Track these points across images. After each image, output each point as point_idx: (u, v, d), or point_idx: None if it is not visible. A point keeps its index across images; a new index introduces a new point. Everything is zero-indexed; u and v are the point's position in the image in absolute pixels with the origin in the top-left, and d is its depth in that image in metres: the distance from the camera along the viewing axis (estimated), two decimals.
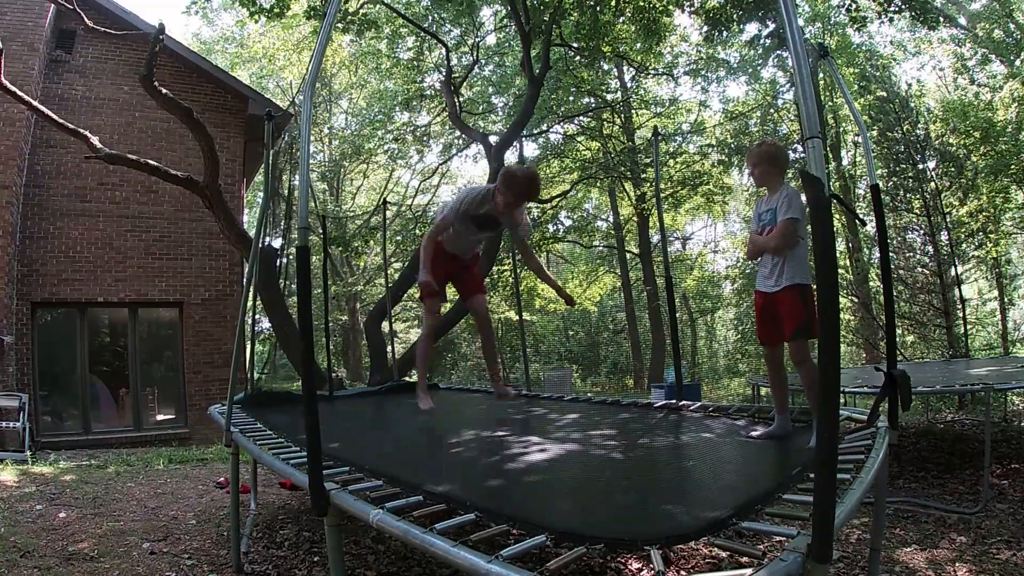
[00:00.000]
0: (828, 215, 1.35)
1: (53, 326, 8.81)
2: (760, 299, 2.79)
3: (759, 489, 1.89)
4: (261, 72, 20.54)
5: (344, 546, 2.81)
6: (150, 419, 8.99)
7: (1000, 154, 11.39)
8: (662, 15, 9.38)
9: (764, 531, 1.58)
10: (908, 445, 6.20)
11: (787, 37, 1.43)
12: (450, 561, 1.43)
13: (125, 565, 3.40)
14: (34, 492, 5.00)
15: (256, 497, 4.72)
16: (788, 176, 2.94)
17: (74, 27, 8.59)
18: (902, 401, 2.47)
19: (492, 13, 13.11)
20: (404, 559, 3.61)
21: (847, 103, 3.40)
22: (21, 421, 7.03)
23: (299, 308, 2.18)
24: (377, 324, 9.41)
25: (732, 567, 2.94)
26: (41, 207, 8.47)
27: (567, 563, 1.40)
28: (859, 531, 3.77)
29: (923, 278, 11.83)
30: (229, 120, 9.76)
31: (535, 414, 4.06)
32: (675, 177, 15.53)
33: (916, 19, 8.80)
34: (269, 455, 2.71)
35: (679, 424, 3.37)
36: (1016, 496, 4.34)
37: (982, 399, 6.54)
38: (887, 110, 12.09)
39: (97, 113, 8.84)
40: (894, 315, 3.06)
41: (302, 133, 2.18)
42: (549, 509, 1.88)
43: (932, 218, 11.30)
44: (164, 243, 9.13)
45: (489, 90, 15.18)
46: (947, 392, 7.40)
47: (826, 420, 1.25)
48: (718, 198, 17.19)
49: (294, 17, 10.80)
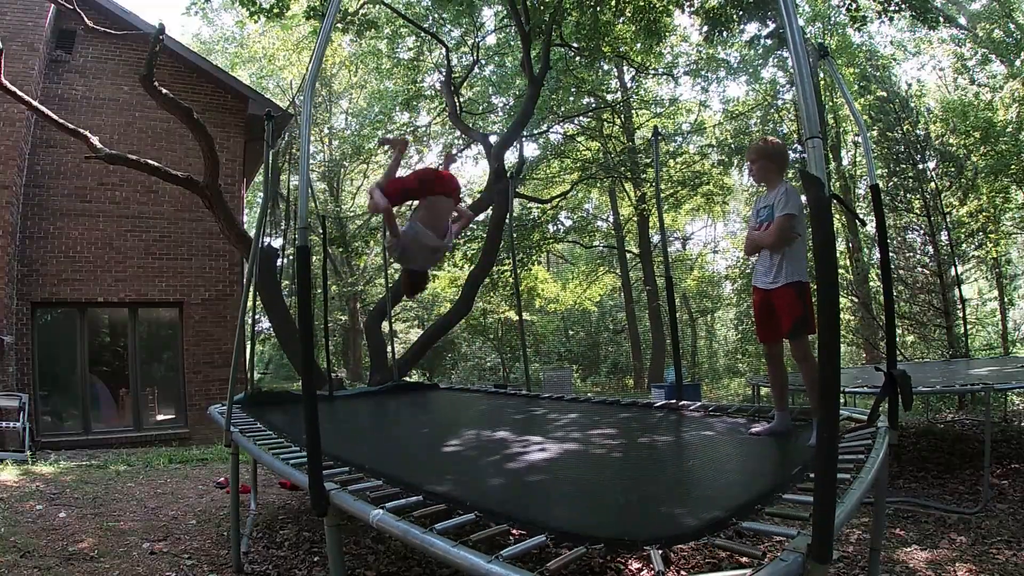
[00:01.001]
0: (828, 215, 1.35)
1: (53, 326, 8.80)
2: (758, 296, 2.80)
3: (759, 489, 1.89)
4: (261, 72, 20.54)
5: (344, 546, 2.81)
6: (150, 419, 8.98)
7: (1000, 154, 11.39)
8: (662, 15, 9.38)
9: (764, 531, 1.58)
10: (908, 445, 6.20)
11: (787, 37, 1.43)
12: (450, 561, 1.44)
13: (125, 565, 3.40)
14: (34, 492, 5.00)
15: (256, 497, 4.72)
16: (788, 176, 2.95)
17: (74, 27, 8.59)
18: (903, 401, 2.47)
19: (492, 13, 13.11)
20: (404, 559, 3.61)
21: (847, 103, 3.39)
22: (21, 421, 7.03)
23: (299, 308, 2.18)
24: (377, 324, 9.41)
25: (732, 567, 2.94)
26: (41, 207, 8.47)
27: (567, 563, 1.40)
28: (859, 531, 3.77)
29: (923, 278, 11.81)
30: (229, 120, 9.76)
31: (535, 414, 4.07)
32: (675, 177, 15.53)
33: (916, 19, 8.80)
34: (269, 455, 2.71)
35: (679, 424, 3.37)
36: (1016, 496, 4.34)
37: (982, 399, 6.53)
38: (887, 110, 12.08)
39: (97, 113, 8.84)
40: (894, 315, 3.06)
41: (302, 133, 2.18)
42: (549, 509, 1.88)
43: (932, 218, 11.29)
44: (164, 243, 9.13)
45: (489, 90, 15.18)
46: (947, 392, 7.39)
47: (826, 420, 1.25)
48: (718, 198, 17.18)
49: (294, 17, 10.80)
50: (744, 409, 3.47)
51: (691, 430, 3.17)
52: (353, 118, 22.06)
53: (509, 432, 3.33)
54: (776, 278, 2.67)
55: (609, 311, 23.21)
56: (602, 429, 3.31)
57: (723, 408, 3.59)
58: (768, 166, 2.82)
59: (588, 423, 3.51)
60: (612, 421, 3.58)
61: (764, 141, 3.02)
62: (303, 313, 2.03)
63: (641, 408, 4.01)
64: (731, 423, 3.20)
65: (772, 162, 2.82)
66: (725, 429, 3.06)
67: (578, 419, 3.70)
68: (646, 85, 16.61)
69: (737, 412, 3.43)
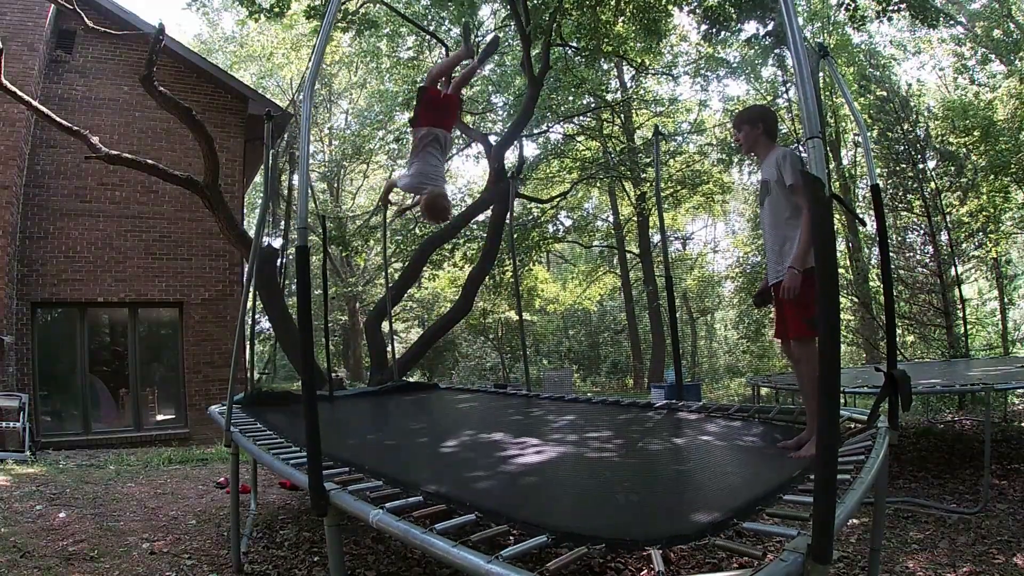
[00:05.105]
0: (828, 215, 1.35)
1: (53, 326, 8.80)
2: (775, 292, 2.68)
3: (759, 489, 1.89)
4: (261, 72, 20.55)
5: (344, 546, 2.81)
6: (150, 419, 8.98)
7: (1000, 153, 11.38)
8: (663, 15, 9.38)
9: (764, 531, 1.58)
10: (908, 445, 6.20)
11: (787, 37, 1.43)
12: (450, 561, 1.43)
13: (125, 565, 3.40)
14: (34, 492, 5.00)
15: (256, 497, 4.73)
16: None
17: (74, 27, 8.58)
18: (902, 401, 2.46)
19: (492, 13, 13.11)
20: (404, 559, 3.61)
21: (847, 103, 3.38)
22: (21, 421, 7.03)
23: (299, 308, 2.18)
24: (377, 324, 9.40)
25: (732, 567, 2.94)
26: (41, 207, 8.47)
27: (567, 563, 1.39)
28: (859, 531, 3.77)
29: (923, 278, 11.81)
30: (229, 120, 9.75)
31: (535, 414, 4.07)
32: (675, 177, 15.53)
33: (916, 18, 8.80)
34: (269, 455, 2.71)
35: (679, 424, 3.37)
36: (1016, 496, 4.34)
37: (982, 399, 6.53)
38: (887, 110, 12.08)
39: (97, 113, 8.84)
40: (894, 315, 3.05)
41: (302, 133, 2.18)
42: (549, 509, 1.88)
43: (932, 218, 11.29)
44: (164, 243, 9.13)
45: (489, 90, 15.18)
46: (947, 392, 7.39)
47: (826, 420, 1.25)
48: (718, 198, 17.18)
49: (293, 17, 10.80)
50: (744, 409, 3.47)
51: (691, 430, 3.17)
52: (353, 118, 22.08)
53: (509, 432, 3.33)
54: (778, 271, 2.62)
55: (609, 311, 23.21)
56: (602, 429, 3.31)
57: (723, 408, 3.59)
58: (752, 132, 2.71)
59: (588, 423, 3.51)
60: (612, 421, 3.58)
61: (744, 108, 2.95)
62: (303, 313, 2.03)
63: (641, 408, 4.01)
64: (731, 424, 3.20)
65: (755, 127, 2.70)
66: (725, 429, 3.06)
67: (578, 419, 3.70)
68: (646, 84, 16.61)
69: (737, 412, 3.43)
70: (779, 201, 2.63)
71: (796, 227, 2.53)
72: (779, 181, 2.59)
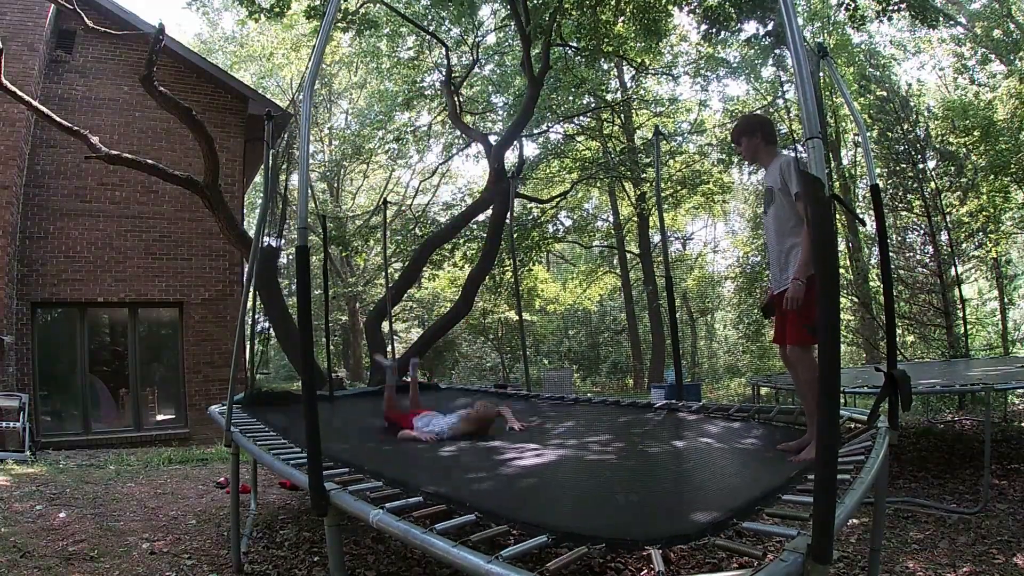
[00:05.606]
0: (828, 215, 1.35)
1: (53, 326, 8.80)
2: (778, 301, 2.68)
3: (759, 490, 1.89)
4: (261, 72, 20.54)
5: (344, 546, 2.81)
6: (150, 419, 8.98)
7: (1000, 153, 11.38)
8: (663, 15, 9.38)
9: (764, 531, 1.58)
10: (908, 445, 6.20)
11: (787, 37, 1.43)
12: (450, 561, 1.43)
13: (125, 565, 3.40)
14: (34, 492, 5.00)
15: (256, 497, 4.73)
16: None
17: (74, 27, 8.58)
18: (902, 401, 2.46)
19: (492, 13, 13.11)
20: (404, 559, 3.61)
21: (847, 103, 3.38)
22: (21, 421, 7.02)
23: (299, 308, 2.18)
24: (377, 324, 9.41)
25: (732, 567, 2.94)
26: (41, 207, 8.46)
27: (567, 563, 1.39)
28: (859, 531, 3.77)
29: (923, 278, 11.81)
30: (229, 120, 9.75)
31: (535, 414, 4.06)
32: (675, 177, 15.53)
33: (916, 18, 8.80)
34: (269, 455, 2.71)
35: (679, 424, 3.37)
36: (1016, 496, 4.34)
37: (982, 399, 6.53)
38: (887, 110, 12.08)
39: (97, 113, 8.83)
40: (894, 315, 3.05)
41: (302, 133, 2.18)
42: (549, 509, 1.88)
43: (932, 218, 11.29)
44: (164, 243, 9.13)
45: (489, 90, 15.18)
46: (947, 392, 7.39)
47: (826, 420, 1.25)
48: (718, 198, 17.17)
49: (293, 17, 10.80)
50: (744, 409, 3.47)
51: (691, 431, 3.17)
52: (353, 118, 22.07)
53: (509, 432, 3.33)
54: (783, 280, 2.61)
55: (609, 311, 23.22)
56: (602, 429, 3.31)
57: (723, 409, 3.59)
58: (752, 142, 2.72)
59: (588, 423, 3.51)
60: (612, 421, 3.58)
61: (741, 119, 2.97)
62: (303, 313, 2.03)
63: (641, 408, 4.01)
64: (731, 424, 3.20)
65: (753, 136, 2.72)
66: (725, 429, 3.06)
67: (578, 419, 3.70)
68: (646, 84, 16.61)
69: (737, 413, 3.43)
70: (783, 209, 2.64)
71: (800, 235, 2.54)
72: (783, 189, 2.60)
